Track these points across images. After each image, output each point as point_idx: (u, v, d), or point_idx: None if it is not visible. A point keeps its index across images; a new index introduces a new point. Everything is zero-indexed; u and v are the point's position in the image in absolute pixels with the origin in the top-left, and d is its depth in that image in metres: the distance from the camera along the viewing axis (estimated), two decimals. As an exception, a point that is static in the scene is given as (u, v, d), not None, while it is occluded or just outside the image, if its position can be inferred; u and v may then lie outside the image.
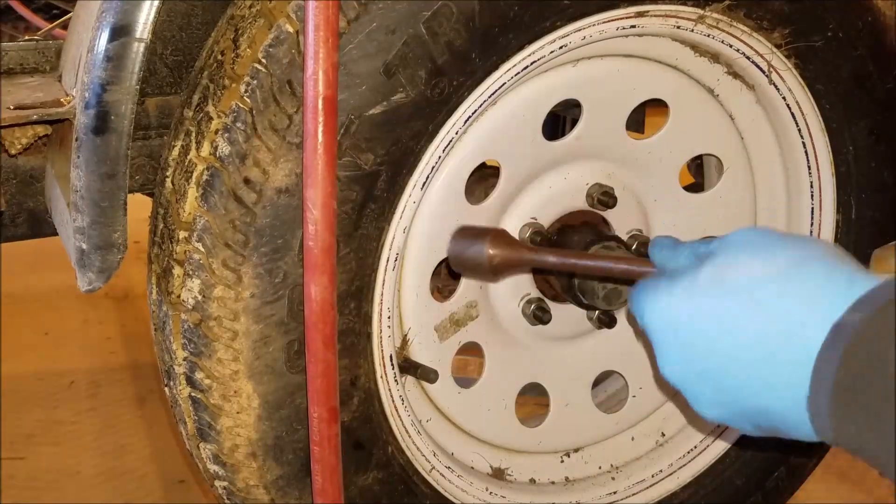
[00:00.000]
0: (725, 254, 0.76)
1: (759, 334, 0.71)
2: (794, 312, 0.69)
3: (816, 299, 0.68)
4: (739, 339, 0.72)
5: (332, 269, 1.00)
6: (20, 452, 2.13)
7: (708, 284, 0.75)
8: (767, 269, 0.72)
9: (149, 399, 2.38)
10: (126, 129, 1.09)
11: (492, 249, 1.09)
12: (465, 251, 1.13)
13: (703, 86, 1.37)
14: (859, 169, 1.41)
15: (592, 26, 1.18)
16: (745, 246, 0.75)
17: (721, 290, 0.74)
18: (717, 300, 0.74)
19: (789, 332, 0.69)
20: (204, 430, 1.15)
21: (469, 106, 1.15)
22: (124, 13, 1.07)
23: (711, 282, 0.75)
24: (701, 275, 0.75)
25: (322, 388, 1.03)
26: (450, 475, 1.34)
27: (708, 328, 0.74)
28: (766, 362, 0.71)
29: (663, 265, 0.84)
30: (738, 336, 0.72)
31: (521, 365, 1.40)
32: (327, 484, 1.07)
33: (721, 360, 0.74)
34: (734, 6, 1.24)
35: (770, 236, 0.76)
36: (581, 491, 1.48)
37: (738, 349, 0.72)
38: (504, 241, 1.10)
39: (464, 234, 1.15)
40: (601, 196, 1.33)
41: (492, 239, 1.10)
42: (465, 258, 1.13)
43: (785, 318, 0.69)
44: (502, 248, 1.09)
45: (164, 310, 1.14)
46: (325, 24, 0.94)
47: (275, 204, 1.05)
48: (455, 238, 1.17)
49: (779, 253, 0.73)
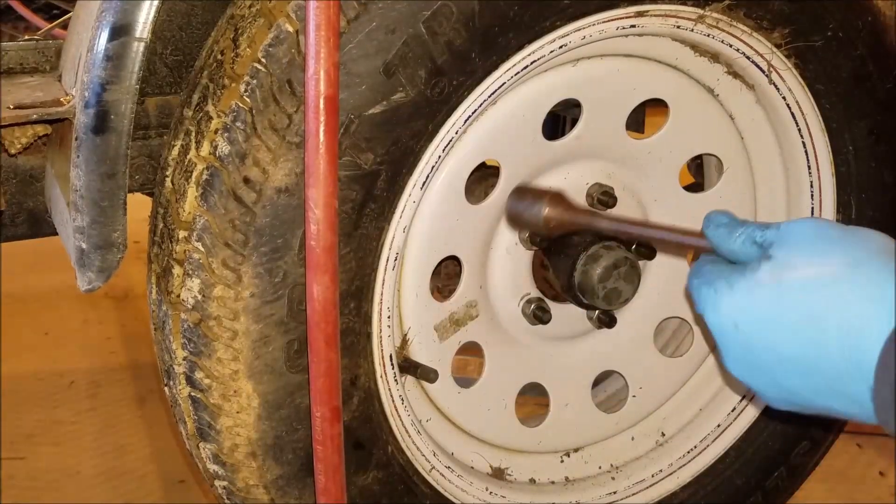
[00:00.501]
0: (783, 251, 0.76)
1: (817, 339, 0.72)
2: (850, 318, 0.70)
3: (872, 304, 0.69)
4: (798, 342, 0.73)
5: (335, 269, 1.00)
6: (20, 452, 2.13)
7: (766, 285, 0.75)
8: (823, 271, 0.72)
9: (149, 399, 2.38)
10: (126, 129, 1.09)
11: (549, 210, 1.14)
12: (523, 210, 1.19)
13: (703, 86, 1.37)
14: (859, 169, 1.41)
15: (592, 26, 1.18)
16: (802, 244, 0.75)
17: (779, 292, 0.74)
18: (775, 303, 0.74)
19: (847, 338, 0.70)
20: (204, 430, 1.15)
21: (469, 106, 1.15)
22: (124, 13, 1.07)
23: (770, 283, 0.75)
24: (759, 274, 0.76)
25: (325, 388, 1.03)
26: (450, 475, 1.34)
27: (767, 330, 0.75)
28: (826, 366, 0.71)
29: (718, 245, 0.84)
30: (796, 339, 0.73)
31: (521, 365, 1.40)
32: (330, 483, 1.07)
33: (781, 361, 0.75)
34: (734, 6, 1.24)
35: (826, 232, 0.75)
36: (581, 491, 1.48)
37: (798, 352, 0.73)
38: (562, 203, 1.14)
39: (522, 194, 1.21)
40: (601, 196, 1.33)
41: (549, 200, 1.14)
42: (523, 217, 1.19)
43: (842, 323, 0.70)
44: (560, 209, 1.14)
45: (164, 309, 1.14)
46: (326, 24, 0.94)
47: (274, 203, 1.05)
48: (513, 196, 1.23)
49: (835, 253, 0.73)
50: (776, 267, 0.75)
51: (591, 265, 1.31)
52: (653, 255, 1.38)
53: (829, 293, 0.71)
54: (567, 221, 1.13)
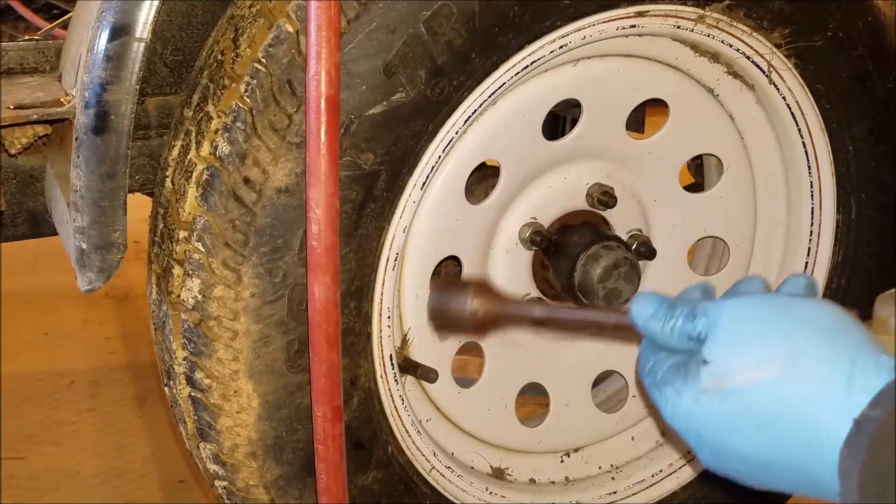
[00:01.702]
0: (718, 352, 0.73)
1: (774, 443, 0.71)
2: (800, 420, 0.68)
3: (819, 403, 0.67)
4: (759, 447, 0.72)
5: (336, 269, 1.00)
6: (20, 452, 2.13)
7: (710, 394, 0.73)
8: (761, 374, 0.70)
9: (149, 399, 2.38)
10: (126, 129, 1.09)
11: (476, 303, 0.97)
12: (447, 306, 1.00)
13: (703, 86, 1.37)
14: (859, 169, 1.41)
15: (592, 26, 1.18)
16: (735, 339, 0.72)
17: (724, 401, 0.72)
18: (724, 412, 0.72)
19: (808, 442, 0.68)
20: (204, 430, 1.15)
21: (469, 106, 1.15)
22: (124, 13, 1.07)
23: (713, 391, 0.72)
24: (701, 384, 0.73)
25: (326, 388, 1.03)
26: (450, 475, 1.34)
27: (726, 437, 0.74)
28: (792, 465, 0.71)
29: (653, 337, 0.81)
30: (756, 445, 0.72)
31: (521, 365, 1.40)
32: (331, 483, 1.07)
33: (749, 464, 0.74)
34: (734, 6, 1.24)
35: (759, 317, 0.72)
36: (581, 491, 1.48)
37: (761, 457, 0.72)
38: (489, 293, 0.98)
39: (443, 288, 1.05)
40: (601, 196, 1.33)
41: (475, 291, 0.98)
42: (449, 313, 1.00)
43: (793, 426, 0.69)
44: (487, 300, 0.98)
45: (164, 309, 1.14)
46: (326, 24, 0.94)
47: (274, 203, 1.05)
48: (434, 291, 1.10)
49: (772, 346, 0.70)
50: (714, 374, 0.72)
51: (591, 265, 1.31)
52: (653, 256, 1.38)
53: (773, 398, 0.69)
54: (496, 313, 0.97)
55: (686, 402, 0.74)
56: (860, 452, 0.64)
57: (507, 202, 1.31)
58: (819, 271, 1.46)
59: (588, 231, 1.35)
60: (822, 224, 1.44)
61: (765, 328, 0.71)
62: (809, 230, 1.44)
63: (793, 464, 0.70)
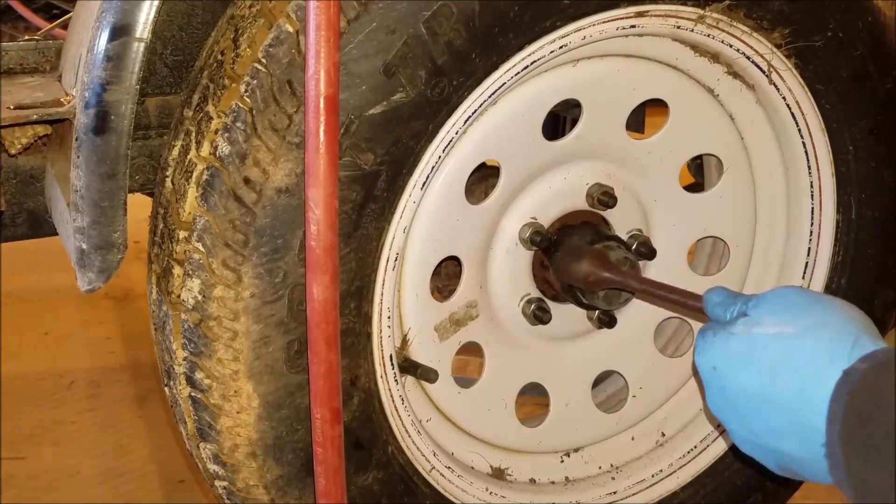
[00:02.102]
0: (758, 310, 0.88)
1: (779, 386, 0.83)
2: (807, 369, 0.81)
3: (826, 359, 0.80)
4: (763, 388, 0.84)
5: (335, 269, 1.00)
6: (20, 452, 2.13)
7: (739, 336, 0.88)
8: (787, 329, 0.84)
9: (149, 399, 2.38)
10: (126, 129, 1.09)
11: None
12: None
13: (703, 86, 1.37)
14: (859, 169, 1.41)
15: (592, 26, 1.18)
16: (774, 306, 0.88)
17: (748, 342, 0.87)
18: (745, 351, 0.86)
19: (803, 387, 0.81)
20: (204, 430, 1.15)
21: (469, 106, 1.15)
22: (124, 13, 1.07)
23: (742, 334, 0.87)
24: (735, 328, 0.88)
25: (325, 389, 1.03)
26: (450, 475, 1.34)
27: (737, 373, 0.87)
28: (785, 412, 0.82)
29: (716, 320, 0.96)
30: (762, 385, 0.84)
31: (521, 365, 1.40)
32: (330, 485, 1.07)
33: (748, 404, 0.86)
34: (734, 6, 1.24)
35: (798, 298, 0.88)
36: (581, 491, 1.48)
37: (763, 397, 0.84)
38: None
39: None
40: (601, 196, 1.33)
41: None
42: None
43: (800, 373, 0.81)
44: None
45: (164, 310, 1.14)
46: (326, 24, 0.94)
47: (274, 204, 1.05)
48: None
49: (802, 316, 0.85)
50: (749, 322, 0.88)
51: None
52: (653, 256, 1.38)
53: (789, 345, 0.83)
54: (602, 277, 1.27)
55: (717, 339, 0.89)
56: (843, 395, 0.76)
57: (507, 202, 1.31)
58: (819, 271, 1.46)
59: (588, 231, 1.35)
60: (822, 224, 1.44)
61: (798, 304, 0.86)
62: (809, 230, 1.44)
63: (786, 406, 0.82)
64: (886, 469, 0.72)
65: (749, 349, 0.86)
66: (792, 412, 0.82)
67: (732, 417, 0.89)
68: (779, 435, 0.84)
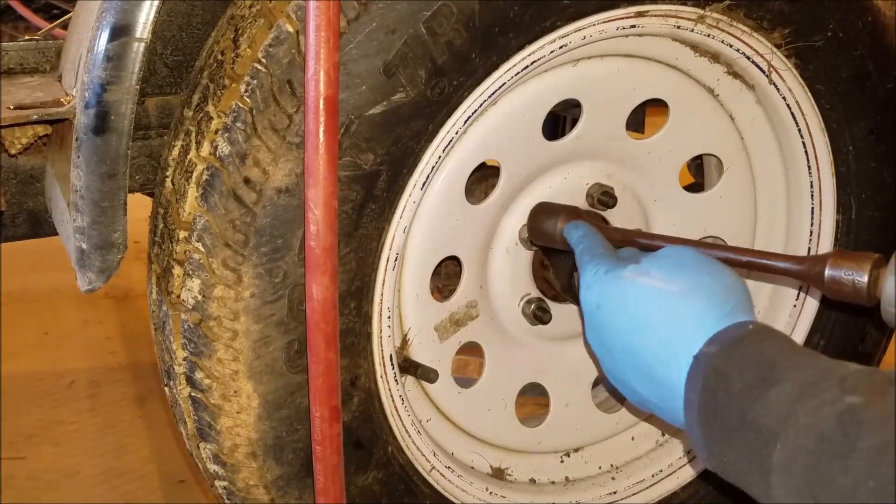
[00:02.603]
0: (648, 263, 0.94)
1: (649, 339, 0.89)
2: (676, 331, 0.86)
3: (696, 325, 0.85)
4: (635, 337, 0.90)
5: (334, 269, 1.00)
6: (20, 452, 2.13)
7: (626, 282, 0.93)
8: (671, 287, 0.89)
9: (149, 399, 2.38)
10: (126, 129, 1.09)
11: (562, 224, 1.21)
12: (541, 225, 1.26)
13: (703, 86, 1.37)
14: (859, 169, 1.41)
15: (592, 26, 1.18)
16: (665, 262, 0.93)
17: (634, 291, 0.92)
18: (627, 296, 0.92)
19: (669, 348, 0.86)
20: (204, 430, 1.15)
21: (469, 106, 1.15)
22: (124, 13, 1.07)
23: (629, 280, 0.93)
24: (625, 271, 0.94)
25: (324, 388, 1.03)
26: (450, 475, 1.34)
27: (616, 318, 0.93)
28: (649, 364, 0.88)
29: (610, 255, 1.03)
30: (634, 334, 0.90)
31: (521, 365, 1.40)
32: (329, 484, 1.07)
33: (621, 347, 0.92)
34: (734, 6, 1.24)
35: (689, 259, 0.92)
36: (581, 491, 1.48)
37: (633, 344, 0.90)
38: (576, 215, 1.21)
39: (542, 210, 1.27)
40: (601, 196, 1.33)
41: (565, 215, 1.21)
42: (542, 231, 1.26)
43: (670, 333, 0.87)
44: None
45: (164, 309, 1.14)
46: (326, 24, 0.94)
47: (275, 204, 1.05)
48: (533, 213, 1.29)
49: (687, 276, 0.90)
50: (637, 271, 0.93)
51: (591, 265, 1.31)
52: (653, 255, 1.38)
53: (666, 303, 0.88)
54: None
55: (606, 277, 0.95)
56: (698, 382, 0.81)
57: (507, 202, 1.31)
58: (819, 271, 1.46)
59: (588, 231, 1.35)
60: (822, 224, 1.44)
61: (688, 265, 0.91)
62: (809, 230, 1.44)
63: (651, 359, 0.88)
64: (742, 451, 0.75)
65: (632, 296, 0.91)
66: (655, 367, 0.87)
67: (605, 355, 0.95)
68: (641, 381, 0.89)
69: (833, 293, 1.00)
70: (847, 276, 0.98)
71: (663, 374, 0.86)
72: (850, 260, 0.99)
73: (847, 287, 0.98)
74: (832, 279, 0.99)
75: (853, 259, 0.99)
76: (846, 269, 0.99)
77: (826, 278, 0.99)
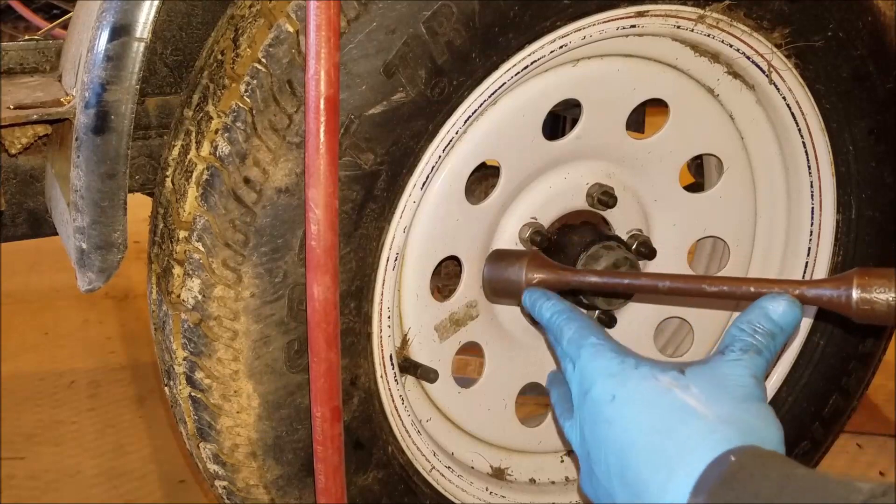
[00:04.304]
0: (693, 375, 0.86)
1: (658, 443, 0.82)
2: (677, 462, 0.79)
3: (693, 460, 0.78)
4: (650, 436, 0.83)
5: (335, 269, 1.00)
6: (20, 452, 2.13)
7: (660, 389, 0.86)
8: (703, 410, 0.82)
9: (149, 399, 2.38)
10: (126, 129, 1.09)
11: (529, 273, 1.15)
12: (501, 275, 1.19)
13: (703, 86, 1.37)
14: (859, 169, 1.41)
15: (592, 26, 1.18)
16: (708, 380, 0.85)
17: (663, 399, 0.85)
18: (653, 404, 0.84)
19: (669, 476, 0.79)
20: (204, 430, 1.15)
21: (469, 106, 1.15)
22: (124, 13, 1.07)
23: (664, 389, 0.85)
24: (664, 377, 0.86)
25: (325, 388, 1.03)
26: (450, 475, 1.34)
27: (631, 419, 0.86)
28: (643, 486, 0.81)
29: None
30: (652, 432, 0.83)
31: (521, 365, 1.40)
32: (330, 483, 1.07)
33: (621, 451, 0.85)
34: (734, 6, 1.24)
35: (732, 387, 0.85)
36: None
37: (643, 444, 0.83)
38: (542, 263, 1.14)
39: (497, 258, 1.22)
40: (601, 196, 1.33)
41: (529, 262, 1.15)
42: (503, 283, 1.19)
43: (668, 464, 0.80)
44: (541, 270, 1.14)
45: (164, 309, 1.14)
46: (326, 24, 0.94)
47: (275, 203, 1.05)
48: (489, 262, 1.23)
49: (724, 404, 0.82)
50: (678, 380, 0.85)
51: (591, 265, 1.31)
52: (653, 256, 1.38)
53: (691, 422, 0.81)
54: (550, 280, 1.14)
55: (638, 372, 0.88)
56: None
57: (507, 202, 1.31)
58: (819, 271, 1.46)
59: (588, 231, 1.35)
60: (822, 224, 1.44)
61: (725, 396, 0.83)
62: (809, 230, 1.44)
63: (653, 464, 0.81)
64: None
65: (658, 403, 0.84)
66: (649, 476, 0.81)
67: (599, 455, 0.88)
68: (629, 493, 0.83)
69: (862, 316, 0.91)
70: (881, 296, 0.89)
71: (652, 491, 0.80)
72: (878, 277, 0.89)
73: (881, 307, 0.89)
74: (863, 300, 0.90)
75: (881, 276, 0.89)
76: (878, 288, 0.89)
77: (855, 300, 0.90)
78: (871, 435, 2.10)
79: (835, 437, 1.58)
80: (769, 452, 0.76)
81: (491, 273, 1.24)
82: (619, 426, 0.86)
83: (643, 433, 0.83)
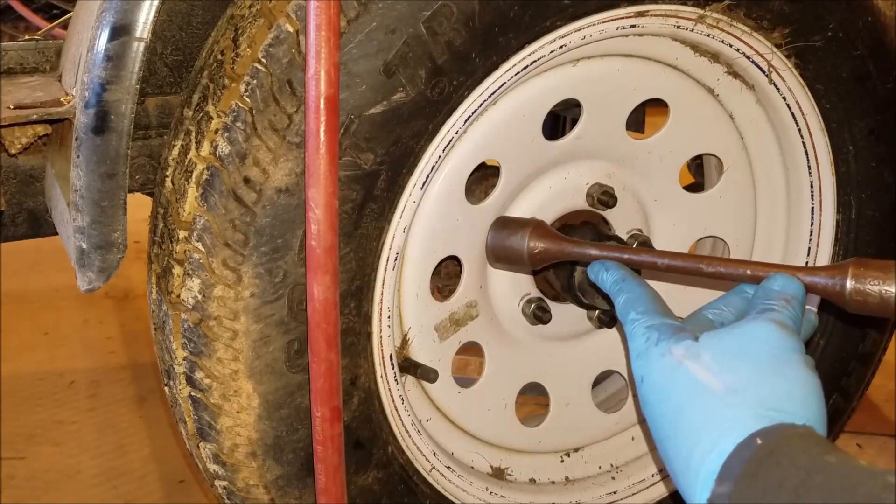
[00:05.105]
0: (708, 340, 0.83)
1: (676, 419, 0.80)
2: (693, 444, 0.76)
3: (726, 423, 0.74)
4: (665, 421, 0.82)
5: (335, 269, 1.00)
6: (20, 452, 2.13)
7: (672, 359, 0.83)
8: (712, 379, 0.79)
9: (149, 399, 2.38)
10: (126, 129, 1.09)
11: (532, 241, 1.17)
12: (504, 242, 1.21)
13: (703, 86, 1.37)
14: (859, 169, 1.41)
15: (592, 26, 1.18)
16: (717, 350, 0.82)
17: (673, 372, 0.82)
18: (666, 381, 0.83)
19: (692, 452, 0.76)
20: (204, 430, 1.15)
21: (469, 105, 1.15)
22: (124, 13, 1.07)
23: (675, 359, 0.83)
24: (675, 347, 0.84)
25: (325, 388, 1.03)
26: (450, 475, 1.34)
27: (651, 394, 0.85)
28: (672, 456, 0.79)
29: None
30: (664, 418, 0.82)
31: (521, 365, 1.40)
32: (330, 483, 1.07)
33: (653, 426, 0.84)
34: (734, 6, 1.24)
35: (746, 352, 0.80)
36: (581, 491, 1.48)
37: (664, 432, 0.82)
38: (544, 232, 1.16)
39: (503, 225, 1.23)
40: (601, 196, 1.33)
41: (532, 230, 1.17)
42: (505, 249, 1.21)
43: (689, 439, 0.77)
44: (543, 239, 1.16)
45: (164, 309, 1.14)
46: (326, 24, 0.94)
47: (274, 203, 1.05)
48: (494, 229, 1.25)
49: (735, 370, 0.78)
50: (689, 351, 0.82)
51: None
52: (653, 255, 1.38)
53: (700, 399, 0.78)
54: (551, 250, 1.16)
55: (655, 350, 0.85)
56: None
57: (507, 202, 1.31)
58: (819, 271, 1.46)
59: (588, 231, 1.35)
60: (822, 224, 1.44)
61: (742, 359, 0.79)
62: (809, 230, 1.44)
63: (674, 453, 0.78)
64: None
65: (670, 382, 0.82)
66: (675, 465, 0.78)
67: (649, 423, 0.87)
68: (670, 461, 0.81)
69: (855, 306, 0.90)
70: (874, 288, 0.88)
71: (681, 480, 0.77)
72: (874, 269, 0.89)
73: (874, 299, 0.89)
74: (856, 291, 0.89)
75: (877, 268, 0.89)
76: (872, 280, 0.88)
77: (849, 290, 0.90)
78: (871, 435, 2.10)
79: (835, 437, 1.58)
80: (799, 432, 0.70)
81: (494, 240, 1.25)
82: (648, 409, 0.84)
83: (665, 417, 0.81)
